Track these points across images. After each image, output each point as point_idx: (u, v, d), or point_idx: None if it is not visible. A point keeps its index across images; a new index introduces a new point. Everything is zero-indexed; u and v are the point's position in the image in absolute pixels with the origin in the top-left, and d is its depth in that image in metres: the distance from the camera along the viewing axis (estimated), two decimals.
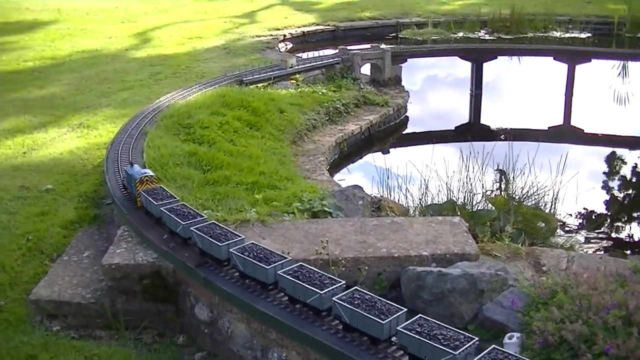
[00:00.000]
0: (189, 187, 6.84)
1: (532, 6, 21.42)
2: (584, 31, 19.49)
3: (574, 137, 11.98)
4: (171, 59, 14.75)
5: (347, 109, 10.89)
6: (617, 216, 8.94)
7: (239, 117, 9.21)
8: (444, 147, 10.94)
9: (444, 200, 7.71)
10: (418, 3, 23.03)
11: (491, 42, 18.16)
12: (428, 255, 5.27)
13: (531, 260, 5.70)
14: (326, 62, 12.42)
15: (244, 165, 7.59)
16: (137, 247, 5.59)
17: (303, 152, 9.21)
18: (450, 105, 13.94)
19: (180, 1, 24.40)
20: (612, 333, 3.89)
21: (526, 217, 7.25)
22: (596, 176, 10.09)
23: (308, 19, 20.01)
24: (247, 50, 15.43)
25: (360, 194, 6.89)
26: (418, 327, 3.91)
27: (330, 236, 5.53)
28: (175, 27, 18.96)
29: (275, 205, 6.38)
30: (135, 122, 8.54)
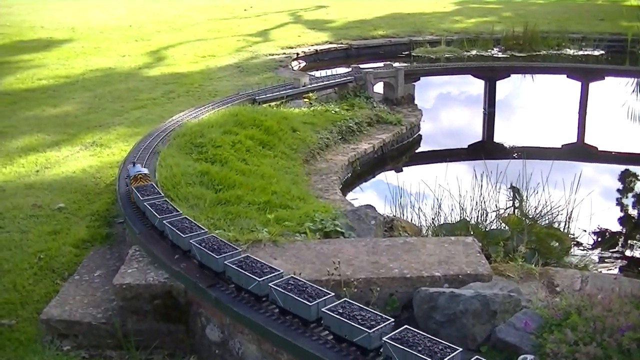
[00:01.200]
0: (200, 207, 6.83)
1: (545, 24, 21.44)
2: (597, 49, 19.47)
3: (587, 155, 11.94)
4: (184, 78, 14.78)
5: (360, 128, 10.88)
6: (631, 235, 8.86)
7: (251, 136, 9.21)
8: (457, 166, 10.91)
9: (457, 219, 7.67)
10: (430, 21, 23.08)
11: (504, 59, 18.17)
12: (440, 276, 5.23)
13: (545, 280, 5.66)
14: (339, 81, 12.41)
15: (256, 184, 7.58)
16: (149, 267, 5.57)
17: (316, 171, 9.19)
18: (464, 124, 13.93)
19: (194, 20, 24.49)
20: (627, 356, 3.85)
21: (540, 236, 7.19)
22: (610, 194, 10.03)
23: (321, 37, 20.05)
24: (260, 68, 15.46)
25: (372, 214, 6.86)
26: (341, 309, 4.18)
27: (342, 256, 5.50)
28: (189, 46, 19.02)
29: (287, 225, 6.36)
30: (147, 141, 8.54)
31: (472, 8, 27.18)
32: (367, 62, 16.76)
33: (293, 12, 26.34)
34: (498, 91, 13.97)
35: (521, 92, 16.29)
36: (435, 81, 15.71)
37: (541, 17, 23.31)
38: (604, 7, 27.51)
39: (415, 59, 18.16)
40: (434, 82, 15.74)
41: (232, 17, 25.09)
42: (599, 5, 28.37)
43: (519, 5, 27.85)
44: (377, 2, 29.33)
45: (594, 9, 26.84)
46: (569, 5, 28.55)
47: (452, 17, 24.30)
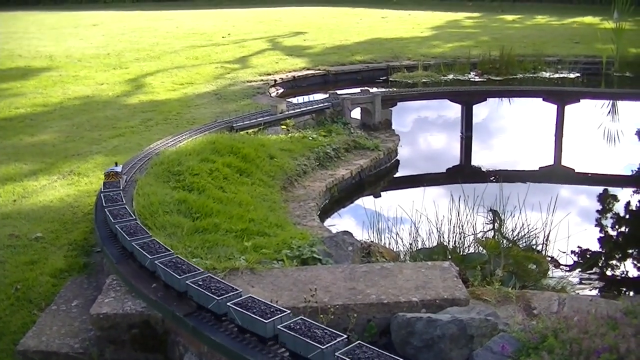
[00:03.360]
0: (178, 235, 6.83)
1: (521, 47, 21.60)
2: (573, 71, 19.63)
3: (564, 177, 12.01)
4: (162, 105, 14.78)
5: (338, 154, 10.90)
6: (609, 256, 8.92)
7: (229, 163, 9.22)
8: (435, 190, 10.97)
9: (435, 244, 7.71)
10: (408, 46, 23.18)
11: (481, 83, 18.28)
12: (418, 301, 5.25)
13: (522, 303, 5.68)
14: (316, 107, 12.44)
15: (233, 212, 7.59)
16: (126, 296, 5.56)
17: (293, 198, 9.20)
18: (441, 148, 13.99)
19: (173, 47, 24.50)
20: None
21: (517, 259, 7.23)
22: (588, 216, 10.10)
23: (299, 63, 20.08)
24: (238, 95, 15.48)
25: (350, 240, 6.88)
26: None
27: (320, 283, 5.51)
28: (167, 73, 19.02)
29: (265, 253, 6.37)
30: (125, 170, 8.53)
31: (449, 33, 27.32)
32: (345, 87, 16.82)
33: (271, 39, 26.39)
34: (475, 115, 14.05)
35: (498, 116, 16.39)
36: (413, 106, 15.78)
37: (517, 40, 23.47)
38: (579, 30, 27.73)
39: (393, 84, 18.23)
40: (412, 107, 15.82)
41: (211, 45, 25.08)
42: (574, 28, 28.59)
43: (496, 30, 28.03)
44: (355, 28, 29.44)
45: (569, 32, 27.05)
46: (544, 28, 28.77)
47: (430, 42, 24.40)
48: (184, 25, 32.85)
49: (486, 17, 34.24)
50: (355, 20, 33.13)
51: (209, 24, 33.19)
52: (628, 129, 14.79)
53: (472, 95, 13.58)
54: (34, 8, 47.51)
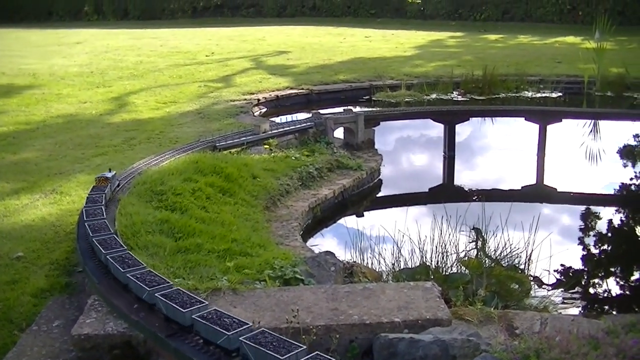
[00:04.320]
0: (160, 255, 6.82)
1: (504, 67, 21.68)
2: (555, 91, 19.73)
3: (547, 197, 12.07)
4: (146, 124, 14.76)
5: (321, 174, 10.90)
6: (591, 275, 8.97)
7: (211, 183, 9.22)
8: (418, 209, 10.99)
9: (418, 263, 7.72)
10: (391, 66, 23.24)
11: (464, 103, 18.36)
12: (400, 322, 5.26)
13: (504, 323, 5.70)
14: (299, 127, 12.45)
15: (216, 232, 7.59)
16: (108, 317, 5.54)
17: (276, 218, 9.20)
18: (424, 167, 14.02)
19: (156, 66, 24.49)
20: None
21: (500, 279, 7.25)
22: (570, 235, 10.14)
23: (282, 82, 20.10)
24: (221, 115, 15.47)
25: (332, 260, 6.89)
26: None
27: (302, 304, 5.51)
28: (150, 92, 18.99)
29: (247, 273, 6.38)
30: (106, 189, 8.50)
31: (432, 52, 27.42)
32: (328, 107, 16.86)
33: (255, 58, 26.42)
34: (458, 134, 14.10)
35: (481, 135, 16.45)
36: (396, 125, 15.82)
37: (500, 60, 23.56)
38: (561, 49, 27.89)
39: (376, 104, 18.28)
40: (395, 126, 15.85)
41: (194, 63, 25.09)
42: (556, 48, 28.76)
43: (479, 49, 28.15)
44: (339, 47, 29.51)
45: (551, 51, 27.20)
46: (527, 48, 28.92)
47: (413, 62, 24.48)
48: (168, 43, 32.87)
49: (469, 37, 34.38)
50: (339, 40, 33.22)
51: (193, 42, 33.21)
52: (610, 148, 14.88)
53: (454, 115, 13.62)
54: (17, 25, 47.54)
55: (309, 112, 13.70)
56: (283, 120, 14.73)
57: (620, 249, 10.05)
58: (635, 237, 10.33)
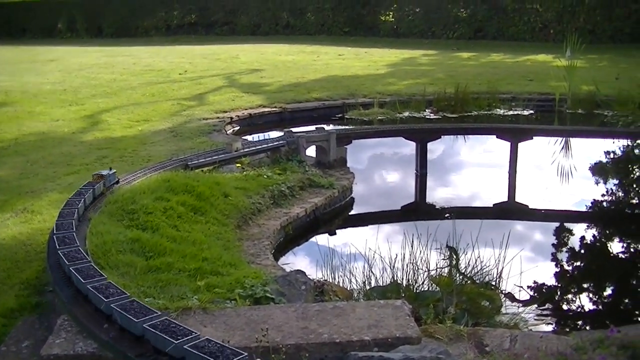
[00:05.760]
0: (131, 275, 6.81)
1: (476, 85, 21.81)
2: (527, 108, 19.89)
3: (518, 214, 12.14)
4: (118, 143, 14.73)
5: (293, 192, 10.91)
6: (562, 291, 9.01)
7: (183, 202, 9.22)
8: (390, 227, 11.00)
9: (389, 281, 7.75)
10: (364, 84, 23.31)
11: (436, 121, 18.44)
12: (370, 340, 5.28)
13: (474, 341, 5.74)
14: (271, 145, 12.45)
15: (187, 251, 7.59)
16: (77, 337, 5.52)
17: (248, 237, 9.20)
18: (396, 185, 14.07)
19: (129, 84, 24.45)
20: None
21: (471, 296, 7.29)
22: (541, 251, 10.21)
23: (255, 101, 20.12)
24: (194, 133, 15.47)
25: (303, 279, 6.91)
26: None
27: (272, 322, 5.52)
28: (123, 110, 18.96)
29: (218, 292, 6.38)
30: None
31: (405, 70, 27.53)
32: (301, 125, 16.88)
33: (228, 76, 26.43)
34: (430, 152, 14.16)
35: (453, 153, 16.53)
36: (369, 143, 15.85)
37: (472, 78, 23.71)
38: (533, 67, 28.11)
39: (349, 122, 18.34)
40: (367, 144, 15.88)
41: (168, 81, 25.07)
42: (528, 66, 28.97)
43: (451, 67, 28.30)
44: (312, 65, 29.59)
45: (523, 69, 27.39)
46: (499, 66, 29.11)
47: (386, 80, 24.58)
48: (142, 61, 32.82)
49: (442, 55, 34.55)
50: (312, 58, 33.30)
51: (166, 60, 33.19)
52: (581, 165, 15.00)
53: (426, 133, 13.68)
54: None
55: (281, 131, 13.72)
56: (255, 138, 14.76)
57: (591, 265, 10.13)
58: (606, 254, 10.41)
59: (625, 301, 8.93)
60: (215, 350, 4.59)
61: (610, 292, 9.21)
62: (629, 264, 9.99)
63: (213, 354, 4.59)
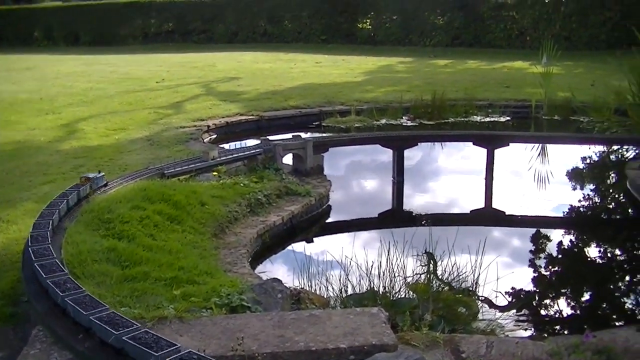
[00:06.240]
0: (107, 284, 6.78)
1: (453, 92, 21.89)
2: (503, 115, 19.98)
3: (495, 220, 12.16)
4: (95, 151, 14.68)
5: (269, 200, 10.88)
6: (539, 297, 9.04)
7: (159, 210, 9.18)
8: (367, 235, 11.02)
9: (366, 289, 7.75)
10: (342, 91, 23.35)
11: (413, 128, 18.49)
12: (346, 348, 5.28)
13: (450, 347, 5.74)
14: (248, 153, 12.42)
15: (163, 260, 7.56)
16: (52, 347, 5.50)
17: (224, 245, 9.18)
18: (373, 193, 14.07)
19: (106, 92, 24.39)
20: None
21: (447, 303, 7.31)
22: (518, 257, 10.23)
23: (232, 109, 20.10)
24: (171, 141, 15.44)
25: (279, 287, 6.90)
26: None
27: (248, 331, 5.51)
28: (100, 119, 18.90)
29: (194, 301, 6.37)
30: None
31: (382, 77, 27.60)
32: (278, 133, 16.84)
33: (205, 84, 26.40)
34: (408, 159, 14.19)
35: (430, 160, 16.57)
36: (346, 151, 15.85)
37: (449, 85, 23.79)
38: (509, 74, 28.26)
39: (326, 129, 18.36)
40: (344, 152, 15.88)
41: (145, 90, 25.01)
42: (504, 72, 29.13)
43: (428, 74, 28.39)
44: (289, 73, 29.61)
45: (499, 76, 27.52)
46: (475, 73, 29.24)
47: (363, 87, 24.61)
48: (119, 70, 32.74)
49: (419, 62, 34.66)
50: (290, 66, 33.33)
51: (143, 68, 33.13)
52: (557, 171, 15.08)
53: (403, 140, 13.71)
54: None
55: (258, 139, 13.70)
56: (232, 146, 14.74)
57: (568, 271, 10.16)
58: (583, 259, 10.45)
59: (603, 306, 8.97)
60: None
61: (587, 297, 9.25)
62: (605, 269, 10.04)
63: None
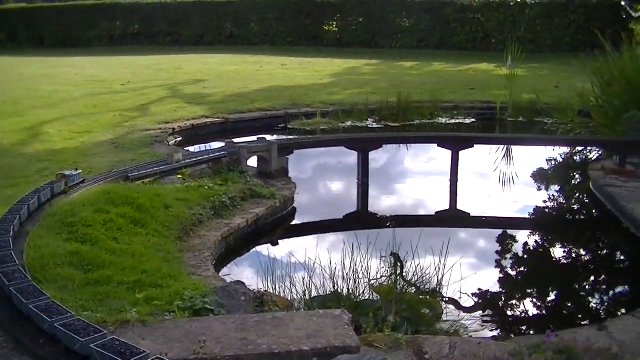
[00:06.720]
0: (69, 288, 6.75)
1: (418, 94, 21.97)
2: (469, 117, 20.13)
3: (460, 221, 12.23)
4: (59, 155, 14.56)
5: (234, 203, 10.86)
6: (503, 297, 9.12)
7: (123, 214, 9.14)
8: (332, 237, 11.05)
9: (330, 291, 7.76)
10: (307, 94, 23.36)
11: (378, 130, 18.55)
12: (309, 350, 5.30)
13: (413, 349, 5.77)
14: (213, 156, 12.40)
15: (126, 264, 7.54)
16: (13, 353, 5.47)
17: (189, 248, 9.15)
18: (339, 195, 14.10)
19: (71, 95, 24.19)
20: None
21: (411, 304, 7.34)
22: (483, 258, 10.31)
23: (198, 111, 20.05)
24: (136, 144, 15.36)
25: (242, 290, 6.90)
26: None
27: (211, 334, 5.52)
28: (65, 122, 18.75)
29: (157, 305, 6.35)
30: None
31: (348, 80, 27.64)
32: (244, 135, 16.84)
33: (171, 87, 26.29)
34: (373, 161, 14.24)
35: (396, 162, 16.65)
36: (312, 153, 15.85)
37: (415, 87, 23.88)
38: (475, 76, 28.44)
39: (292, 132, 18.38)
40: (310, 154, 15.89)
41: (110, 92, 24.86)
42: (470, 74, 29.30)
43: (394, 77, 28.48)
44: (255, 75, 29.57)
45: (465, 78, 27.69)
46: (441, 75, 29.40)
47: (329, 89, 24.65)
48: (84, 72, 32.49)
49: (385, 64, 34.77)
50: (256, 68, 33.29)
51: (109, 71, 32.91)
52: (522, 172, 15.21)
53: (367, 142, 13.73)
54: None
55: (224, 141, 13.68)
56: (198, 149, 14.72)
57: (532, 271, 10.25)
58: (547, 259, 10.54)
59: (567, 305, 9.06)
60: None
61: (552, 297, 9.33)
62: (569, 269, 10.14)
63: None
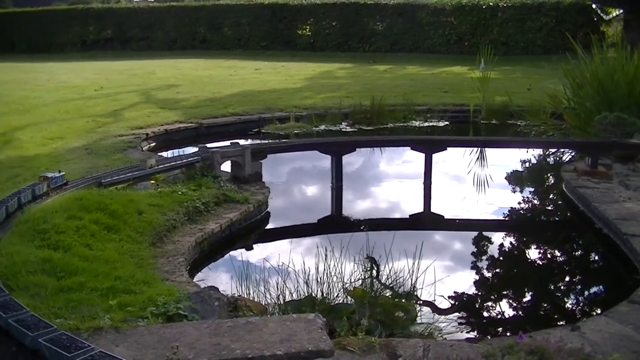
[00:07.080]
0: (42, 296, 6.72)
1: (392, 97, 22.06)
2: (442, 120, 20.23)
3: (434, 224, 12.25)
4: (31, 161, 14.47)
5: (208, 208, 10.84)
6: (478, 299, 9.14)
7: (96, 220, 9.10)
8: (306, 241, 11.05)
9: (304, 295, 7.76)
10: (281, 98, 23.38)
11: (352, 134, 18.61)
12: (282, 354, 5.30)
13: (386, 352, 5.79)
14: (186, 161, 12.37)
15: (99, 270, 7.51)
16: None
17: (162, 254, 9.12)
18: (313, 199, 14.10)
19: (43, 101, 24.08)
20: None
21: (385, 307, 7.35)
22: (457, 261, 10.33)
23: (171, 116, 20.01)
24: (109, 150, 15.30)
25: (216, 295, 6.90)
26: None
27: (185, 340, 5.51)
28: (37, 128, 18.64)
29: (130, 311, 6.34)
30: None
31: (322, 84, 27.70)
32: (218, 140, 16.84)
33: (144, 92, 26.22)
34: (347, 165, 14.26)
35: (370, 165, 16.67)
36: (285, 157, 15.87)
37: (389, 90, 23.98)
38: (448, 79, 28.59)
39: (265, 136, 18.39)
40: (284, 158, 15.91)
41: (82, 98, 24.76)
42: (443, 77, 29.45)
43: (368, 80, 28.57)
44: (229, 80, 29.57)
45: (439, 81, 27.82)
46: (415, 78, 29.51)
47: (302, 94, 24.68)
48: (56, 77, 32.36)
49: (359, 68, 34.88)
50: (229, 73, 33.28)
51: (81, 76, 32.80)
52: (496, 174, 15.28)
53: (340, 146, 13.72)
54: None
55: (197, 146, 13.65)
56: (171, 154, 14.69)
57: (506, 273, 10.30)
58: (522, 261, 10.59)
59: (543, 306, 9.09)
60: None
61: (527, 298, 9.36)
62: (544, 271, 10.18)
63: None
